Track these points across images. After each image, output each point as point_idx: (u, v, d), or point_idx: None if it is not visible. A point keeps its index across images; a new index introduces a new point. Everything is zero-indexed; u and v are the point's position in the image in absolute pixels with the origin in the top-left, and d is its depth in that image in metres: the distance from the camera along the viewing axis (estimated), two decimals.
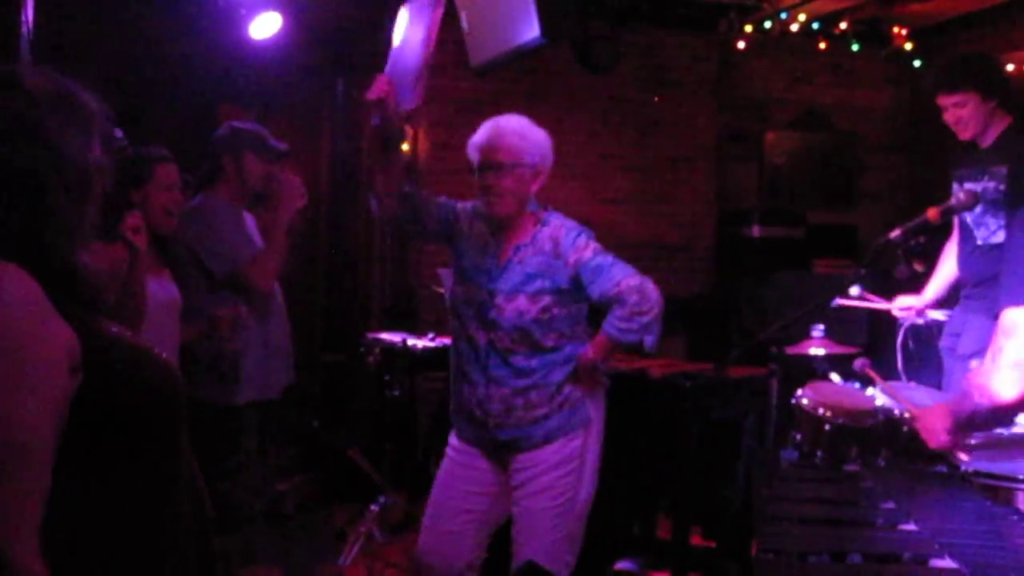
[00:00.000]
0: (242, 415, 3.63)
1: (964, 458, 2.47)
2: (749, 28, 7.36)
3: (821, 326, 4.04)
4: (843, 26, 7.47)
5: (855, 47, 7.67)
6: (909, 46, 7.64)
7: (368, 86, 3.10)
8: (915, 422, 2.67)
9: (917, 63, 7.71)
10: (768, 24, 7.29)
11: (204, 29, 5.21)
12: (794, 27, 7.33)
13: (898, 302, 4.22)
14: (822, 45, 7.64)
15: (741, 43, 7.55)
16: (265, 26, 5.11)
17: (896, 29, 7.56)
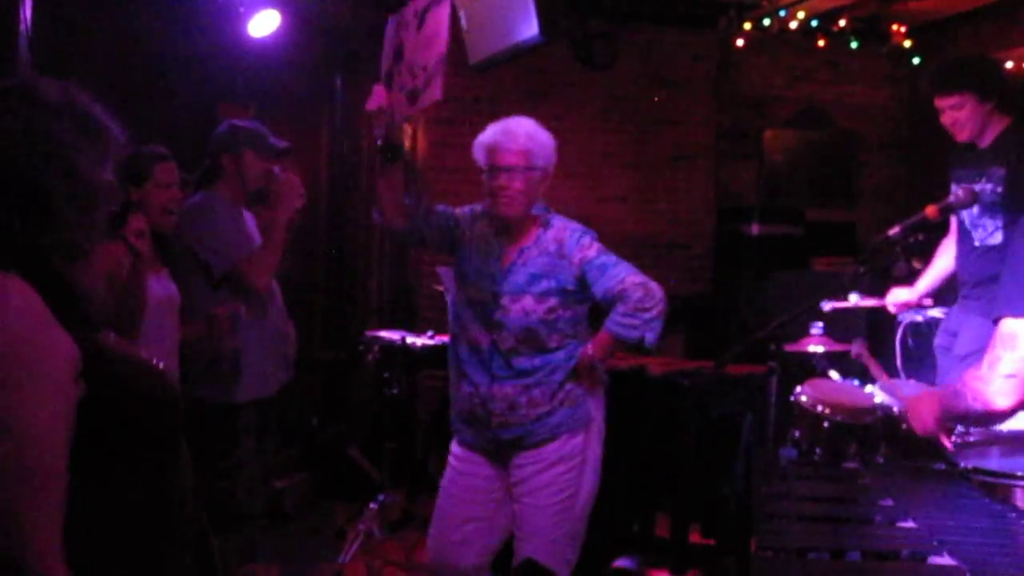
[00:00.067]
0: (241, 413, 3.62)
1: (949, 445, 2.48)
2: (748, 26, 7.35)
3: (820, 324, 4.04)
4: (842, 24, 7.46)
5: (854, 45, 7.66)
6: (908, 43, 7.63)
7: (368, 95, 3.12)
8: (905, 409, 2.70)
9: (916, 60, 7.70)
10: (767, 22, 7.28)
11: (203, 27, 5.21)
12: (793, 25, 7.32)
13: (891, 295, 4.22)
14: (821, 43, 7.63)
15: (740, 41, 7.55)
16: (264, 24, 5.11)
17: (895, 26, 7.55)
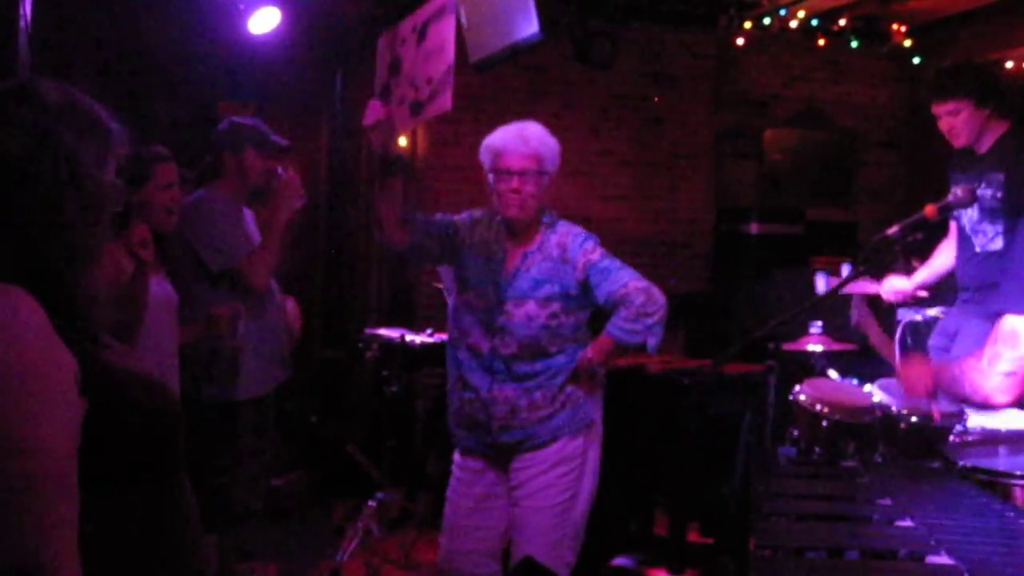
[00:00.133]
0: (241, 412, 3.63)
1: (936, 416, 2.51)
2: (748, 25, 7.35)
3: (819, 323, 4.05)
4: (842, 23, 7.46)
5: (854, 44, 7.66)
6: (908, 43, 7.63)
7: (366, 107, 3.14)
8: (898, 370, 2.72)
9: (916, 60, 7.71)
10: (767, 21, 7.28)
11: (203, 25, 5.21)
12: (793, 24, 7.32)
13: (887, 283, 4.22)
14: (821, 42, 7.63)
15: (740, 40, 7.55)
16: (264, 21, 5.10)
17: (895, 26, 7.55)
